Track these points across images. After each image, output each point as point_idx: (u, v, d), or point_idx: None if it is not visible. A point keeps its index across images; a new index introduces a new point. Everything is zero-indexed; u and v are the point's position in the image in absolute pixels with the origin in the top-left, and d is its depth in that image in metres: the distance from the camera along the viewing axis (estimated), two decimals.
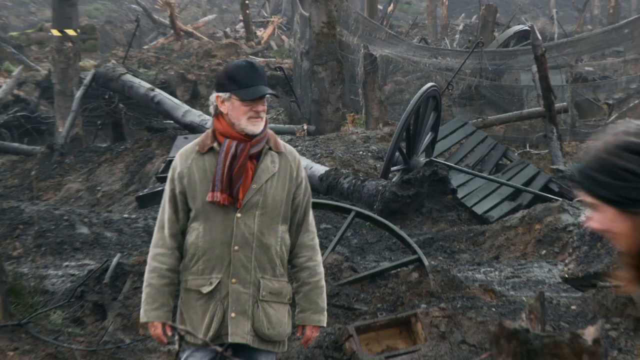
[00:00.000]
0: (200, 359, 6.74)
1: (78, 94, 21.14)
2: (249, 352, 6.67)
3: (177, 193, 6.67)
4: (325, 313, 7.26)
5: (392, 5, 38.67)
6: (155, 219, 15.72)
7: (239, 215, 6.61)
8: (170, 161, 18.45)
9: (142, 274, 10.33)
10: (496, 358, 3.04)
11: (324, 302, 7.28)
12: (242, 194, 6.58)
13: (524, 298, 11.15)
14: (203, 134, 7.04)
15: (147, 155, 19.77)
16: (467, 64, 24.92)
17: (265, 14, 38.23)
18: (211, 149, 6.68)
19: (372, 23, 29.57)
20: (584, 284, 11.40)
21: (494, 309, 10.78)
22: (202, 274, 6.58)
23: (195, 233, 6.61)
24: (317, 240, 7.11)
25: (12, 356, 9.67)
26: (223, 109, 6.61)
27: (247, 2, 35.05)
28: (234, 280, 6.59)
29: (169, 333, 6.77)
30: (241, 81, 6.56)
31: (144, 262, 10.33)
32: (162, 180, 18.51)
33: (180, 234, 6.70)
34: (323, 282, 7.19)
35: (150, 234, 15.00)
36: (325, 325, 7.39)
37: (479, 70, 25.45)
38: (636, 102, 26.08)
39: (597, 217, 4.14)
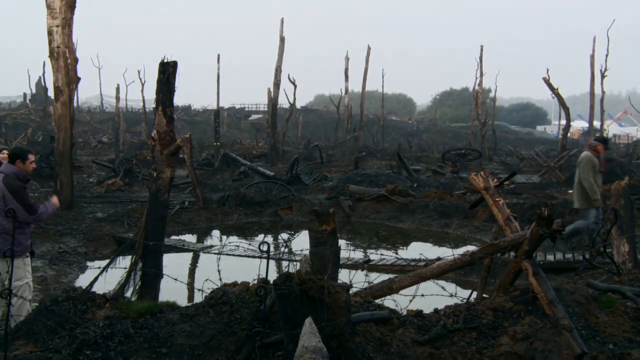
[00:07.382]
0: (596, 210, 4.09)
1: (219, 157, 18.42)
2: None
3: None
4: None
5: (284, 138, 33.89)
6: (247, 184, 12.48)
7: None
8: (240, 172, 14.43)
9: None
10: (311, 216, 1.71)
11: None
12: None
13: (317, 202, 9.11)
14: (590, 154, 4.16)
15: (235, 170, 16.43)
16: (305, 150, 22.71)
17: (261, 143, 33.57)
18: (597, 157, 4.20)
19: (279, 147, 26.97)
20: (331, 198, 9.72)
21: (314, 204, 8.71)
22: None
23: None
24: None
25: (289, 213, 7.73)
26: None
27: (256, 138, 30.29)
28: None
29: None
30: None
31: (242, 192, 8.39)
32: (238, 176, 14.21)
33: None
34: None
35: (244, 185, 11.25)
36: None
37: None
38: (350, 157, 21.92)
39: None
